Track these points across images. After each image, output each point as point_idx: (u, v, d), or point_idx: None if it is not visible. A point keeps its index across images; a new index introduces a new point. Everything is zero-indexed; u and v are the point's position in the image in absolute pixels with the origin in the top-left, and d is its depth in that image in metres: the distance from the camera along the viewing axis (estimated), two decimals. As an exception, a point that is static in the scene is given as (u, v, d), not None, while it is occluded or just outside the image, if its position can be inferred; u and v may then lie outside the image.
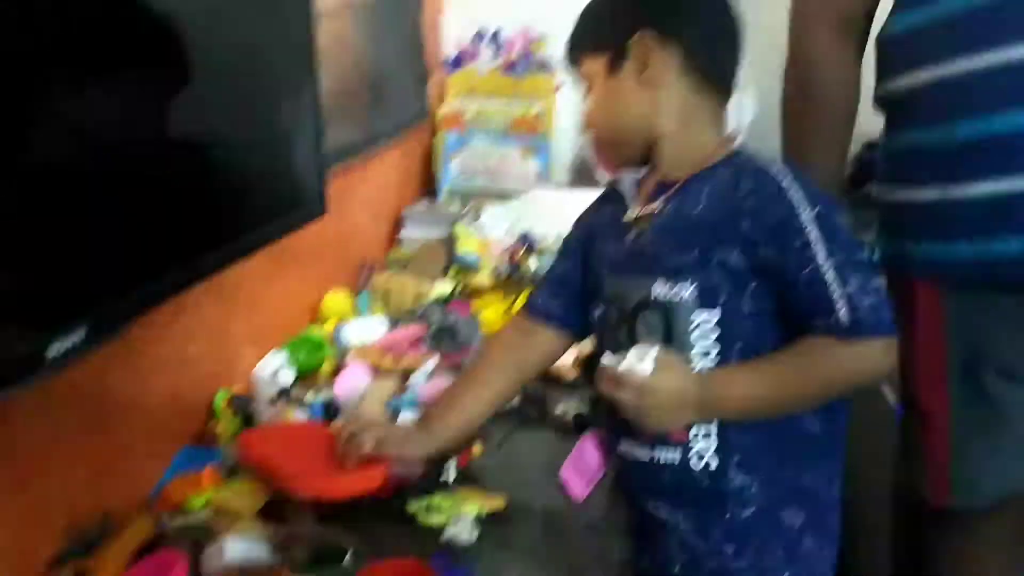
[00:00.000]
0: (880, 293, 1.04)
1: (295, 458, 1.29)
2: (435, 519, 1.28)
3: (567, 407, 1.59)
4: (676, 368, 1.09)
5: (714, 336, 1.10)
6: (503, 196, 2.58)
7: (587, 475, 1.40)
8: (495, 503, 1.31)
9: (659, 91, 1.16)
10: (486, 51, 2.82)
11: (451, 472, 1.39)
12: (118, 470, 1.30)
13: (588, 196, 2.49)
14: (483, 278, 2.11)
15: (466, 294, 2.11)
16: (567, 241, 1.37)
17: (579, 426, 1.54)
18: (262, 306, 1.75)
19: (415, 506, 1.30)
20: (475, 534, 1.25)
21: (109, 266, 0.91)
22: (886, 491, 1.52)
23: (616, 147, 1.24)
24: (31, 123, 0.80)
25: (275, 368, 1.62)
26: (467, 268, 2.14)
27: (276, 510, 1.29)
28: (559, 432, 1.56)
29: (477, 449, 1.46)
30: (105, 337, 0.93)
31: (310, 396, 1.61)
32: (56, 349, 0.80)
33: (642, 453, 1.16)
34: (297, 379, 1.69)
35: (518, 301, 2.04)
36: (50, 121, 0.83)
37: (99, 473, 1.26)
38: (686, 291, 1.10)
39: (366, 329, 1.86)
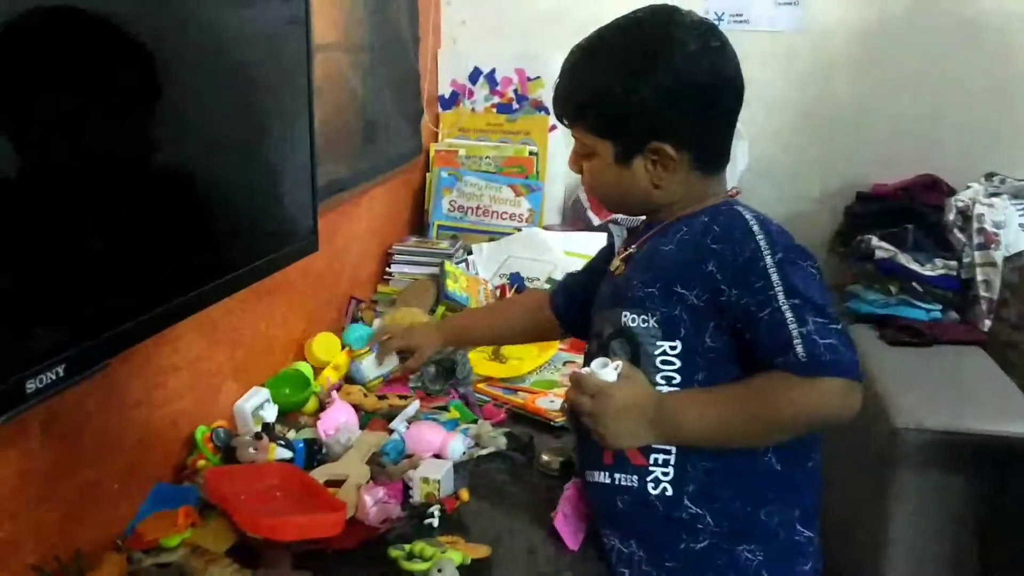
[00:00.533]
0: (841, 336, 1.05)
1: (258, 498, 1.28)
2: (417, 566, 1.24)
3: (554, 453, 1.56)
4: (637, 382, 1.13)
5: (676, 365, 1.14)
6: (493, 235, 2.57)
7: (578, 523, 1.37)
8: (479, 551, 1.28)
9: (666, 184, 1.19)
10: (481, 90, 2.82)
11: (436, 518, 1.36)
12: (92, 506, 1.27)
13: (579, 237, 2.52)
14: (471, 318, 2.08)
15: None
16: (594, 260, 1.47)
17: (567, 472, 1.51)
18: (246, 340, 1.72)
19: (397, 552, 1.27)
20: (458, 583, 1.22)
21: (92, 302, 0.88)
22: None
23: (615, 208, 1.34)
24: (19, 159, 0.78)
25: (257, 404, 1.59)
26: (455, 306, 2.12)
27: (253, 552, 1.26)
28: (547, 478, 1.53)
29: (464, 495, 1.43)
30: (86, 374, 0.89)
31: (293, 434, 1.57)
32: (35, 384, 0.77)
33: (603, 476, 1.20)
34: (281, 415, 1.66)
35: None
36: (37, 157, 0.81)
37: (72, 509, 1.23)
38: (650, 322, 1.15)
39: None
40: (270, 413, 1.59)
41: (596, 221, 2.65)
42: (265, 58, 1.23)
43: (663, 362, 1.14)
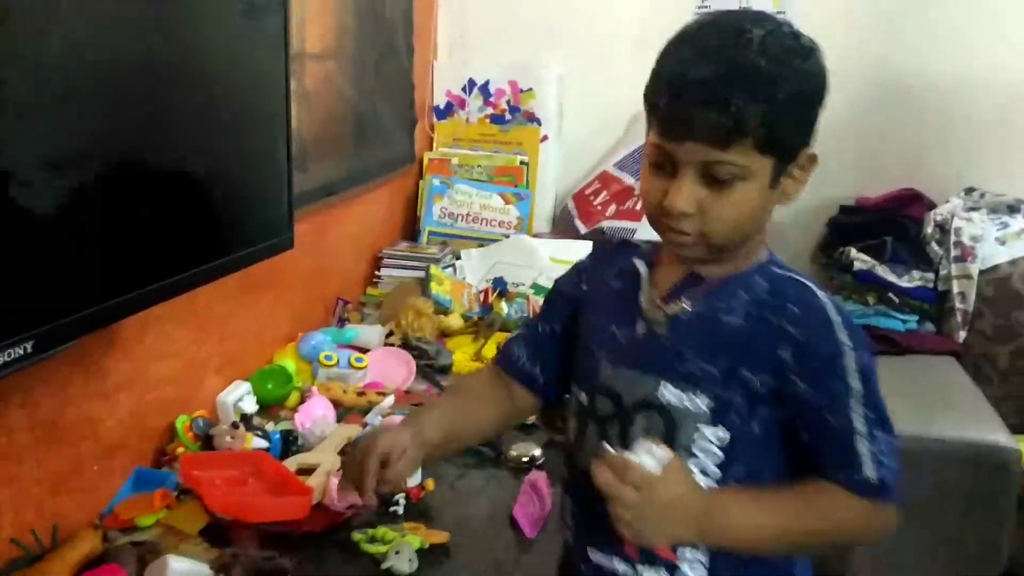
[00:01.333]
0: (899, 457, 0.97)
1: (231, 483, 1.35)
2: (377, 548, 1.30)
3: (522, 449, 1.62)
4: (684, 475, 0.97)
5: (718, 455, 1.00)
6: (483, 241, 2.63)
7: (536, 513, 1.43)
8: (438, 537, 1.34)
9: (793, 198, 1.03)
10: (475, 100, 2.90)
11: (400, 505, 1.42)
12: (73, 486, 1.33)
13: (565, 244, 2.58)
14: (454, 320, 2.15)
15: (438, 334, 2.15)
16: (554, 301, 1.22)
17: (532, 468, 1.57)
18: (233, 334, 1.79)
19: (359, 535, 1.33)
20: (415, 566, 1.27)
21: (61, 283, 0.95)
22: None
23: (715, 250, 1.02)
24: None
25: (239, 396, 1.66)
26: (439, 309, 2.18)
27: (223, 533, 1.33)
28: (513, 473, 1.58)
29: (430, 484, 1.49)
30: (53, 351, 0.96)
31: (271, 425, 1.64)
32: (2, 358, 0.84)
33: (623, 568, 1.04)
34: (262, 408, 1.72)
35: (488, 344, 2.08)
36: (15, 140, 0.88)
37: (53, 487, 1.29)
38: (699, 403, 1.00)
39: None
40: (249, 405, 1.66)
41: (583, 229, 2.71)
42: (242, 63, 1.30)
43: (702, 449, 1.00)
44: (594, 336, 1.10)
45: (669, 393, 1.01)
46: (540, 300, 2.28)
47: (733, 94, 0.93)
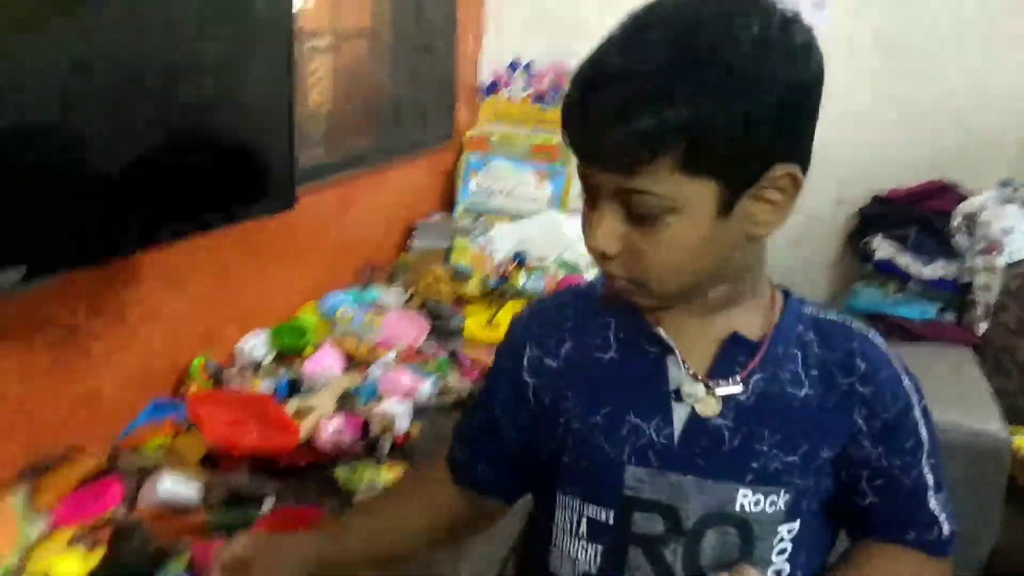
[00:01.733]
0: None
1: (232, 419, 1.48)
2: (354, 483, 1.43)
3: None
4: None
5: (788, 551, 0.84)
6: (515, 216, 2.73)
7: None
8: (412, 476, 1.45)
9: (769, 231, 0.79)
10: (518, 81, 2.99)
11: (386, 446, 1.54)
12: (90, 410, 1.48)
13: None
14: (472, 287, 2.26)
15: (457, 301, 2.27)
16: (494, 385, 0.96)
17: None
18: (258, 290, 1.93)
19: (341, 471, 1.46)
20: (384, 499, 1.39)
21: (53, 215, 1.08)
22: None
23: (665, 298, 0.81)
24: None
25: (255, 344, 1.81)
26: (458, 276, 2.30)
27: (219, 461, 1.47)
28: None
29: (415, 429, 1.60)
30: (44, 278, 1.10)
31: (281, 372, 1.78)
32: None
33: None
34: (279, 357, 1.87)
35: (501, 312, 2.19)
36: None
37: (72, 410, 1.45)
38: (779, 503, 0.82)
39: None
40: (261, 352, 1.81)
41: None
42: (245, 35, 1.41)
43: (777, 552, 0.84)
44: (597, 431, 0.85)
45: (748, 500, 0.82)
46: (562, 275, 2.39)
47: (646, 96, 0.70)
